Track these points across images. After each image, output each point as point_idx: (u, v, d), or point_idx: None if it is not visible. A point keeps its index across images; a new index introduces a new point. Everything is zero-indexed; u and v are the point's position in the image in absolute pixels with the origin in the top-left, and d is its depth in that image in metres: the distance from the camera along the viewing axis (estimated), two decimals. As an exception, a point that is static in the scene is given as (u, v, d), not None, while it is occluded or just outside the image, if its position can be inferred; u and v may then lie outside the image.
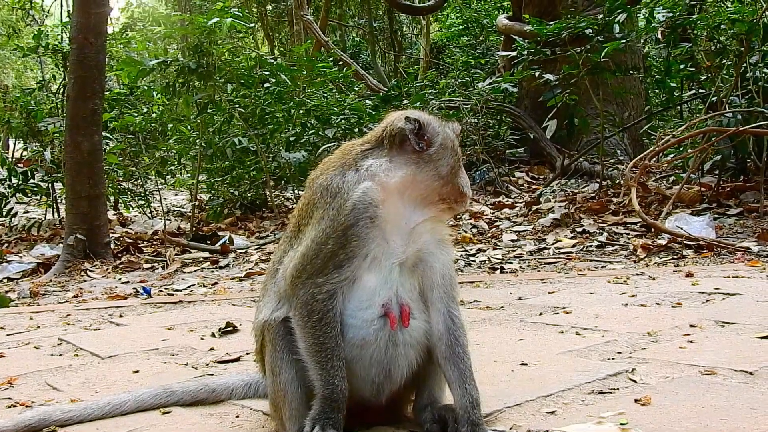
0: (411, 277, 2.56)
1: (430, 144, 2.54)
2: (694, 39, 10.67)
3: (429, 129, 2.55)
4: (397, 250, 2.49)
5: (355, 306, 2.48)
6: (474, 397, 2.49)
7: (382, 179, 2.50)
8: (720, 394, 2.78)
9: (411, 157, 2.53)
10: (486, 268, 7.06)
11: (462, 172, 2.61)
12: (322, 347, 2.43)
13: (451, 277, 2.60)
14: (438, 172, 2.53)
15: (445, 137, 2.57)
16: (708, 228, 7.34)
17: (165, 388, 3.06)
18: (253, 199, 12.33)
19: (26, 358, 4.16)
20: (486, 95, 12.95)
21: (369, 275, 2.47)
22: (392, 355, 2.50)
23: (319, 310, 2.43)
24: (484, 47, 25.05)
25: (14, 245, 10.67)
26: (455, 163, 2.57)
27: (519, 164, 13.81)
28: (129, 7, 34.57)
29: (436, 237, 2.59)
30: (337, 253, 2.43)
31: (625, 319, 4.25)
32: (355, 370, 2.50)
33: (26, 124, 13.11)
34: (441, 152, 2.55)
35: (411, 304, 2.53)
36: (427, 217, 2.57)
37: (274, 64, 11.93)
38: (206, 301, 5.94)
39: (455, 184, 2.56)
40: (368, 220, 2.44)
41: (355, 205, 2.44)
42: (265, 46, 33.99)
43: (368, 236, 2.44)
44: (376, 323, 2.47)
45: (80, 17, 8.61)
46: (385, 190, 2.49)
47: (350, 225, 2.43)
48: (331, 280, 2.44)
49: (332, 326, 2.43)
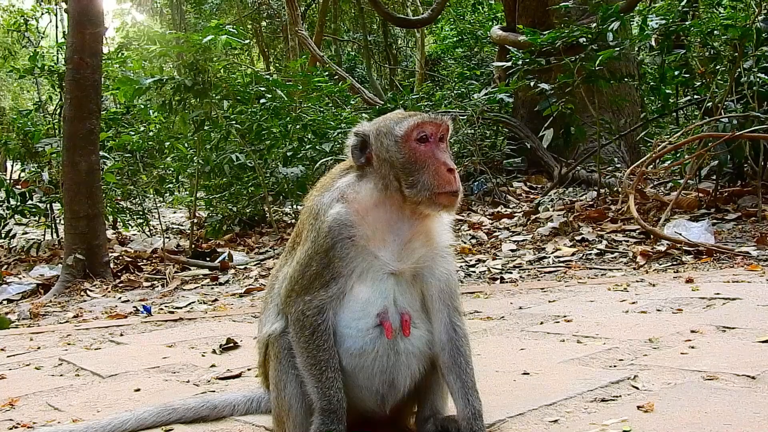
0: (412, 287, 2.57)
1: (377, 153, 2.56)
2: (688, 45, 10.71)
3: (371, 139, 2.57)
4: (388, 263, 2.51)
5: (349, 317, 2.50)
6: (476, 407, 2.51)
7: (353, 197, 2.54)
8: (722, 399, 2.77)
9: (372, 168, 2.57)
10: (486, 278, 7.07)
11: (434, 160, 2.50)
12: (316, 360, 2.45)
13: (451, 288, 2.61)
14: (397, 174, 2.51)
15: (386, 143, 2.54)
16: (707, 233, 7.34)
17: (166, 406, 3.05)
18: (251, 215, 12.32)
19: (27, 379, 4.15)
20: (482, 106, 12.98)
21: (361, 287, 2.50)
22: (394, 364, 2.51)
23: (310, 325, 2.46)
24: (478, 58, 25.16)
25: (13, 266, 10.65)
26: (409, 157, 2.50)
27: (516, 174, 13.82)
28: (124, 26, 34.66)
29: (433, 248, 2.59)
30: (322, 273, 2.48)
31: (626, 326, 4.24)
32: (357, 380, 2.52)
33: (23, 145, 13.10)
34: (386, 155, 2.54)
35: (412, 314, 2.55)
36: (420, 222, 2.56)
37: (269, 80, 11.96)
38: (207, 318, 5.93)
39: (426, 175, 2.49)
40: (347, 240, 2.48)
41: (331, 228, 2.49)
42: (261, 62, 34.13)
43: (350, 255, 2.48)
44: (372, 332, 2.49)
45: (75, 38, 8.63)
46: (358, 207, 2.52)
47: (330, 247, 2.48)
48: (318, 297, 2.48)
49: (324, 339, 2.46)
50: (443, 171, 2.47)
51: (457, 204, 2.50)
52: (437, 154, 2.50)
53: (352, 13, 32.32)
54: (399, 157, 2.51)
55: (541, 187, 12.71)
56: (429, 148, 2.50)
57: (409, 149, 2.50)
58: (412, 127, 2.51)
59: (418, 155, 2.50)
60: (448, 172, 2.47)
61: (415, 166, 2.49)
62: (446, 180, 2.47)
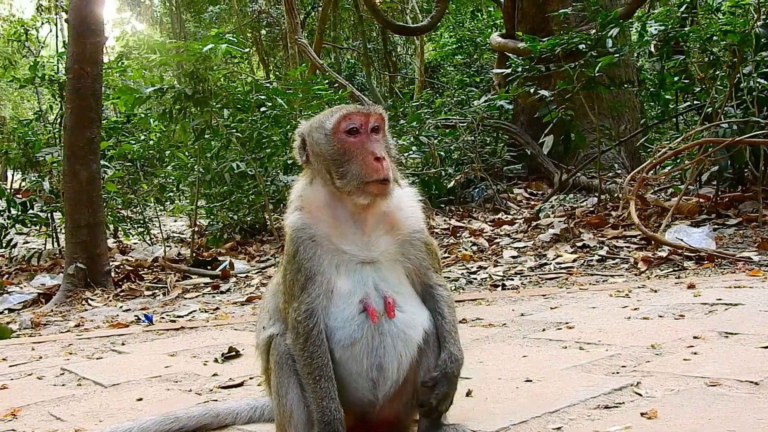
0: (392, 272, 2.62)
1: (312, 150, 2.62)
2: (687, 51, 10.72)
3: (306, 137, 2.63)
4: (357, 255, 2.56)
5: (335, 310, 2.54)
6: (452, 352, 2.57)
7: (306, 201, 2.61)
8: (726, 405, 2.77)
9: (312, 166, 2.64)
10: (487, 285, 7.06)
11: (361, 150, 2.52)
12: (311, 367, 2.48)
13: (421, 260, 2.65)
14: (328, 167, 2.56)
15: (316, 137, 2.59)
16: (708, 239, 7.34)
17: (169, 415, 3.05)
18: (252, 223, 12.32)
19: (29, 389, 4.15)
20: (482, 113, 13.01)
21: (340, 281, 2.54)
22: (379, 345, 2.53)
23: (303, 330, 2.50)
24: (478, 65, 25.18)
25: (15, 276, 10.65)
26: (338, 150, 2.54)
27: (517, 180, 13.84)
28: (124, 35, 34.75)
29: (400, 235, 2.63)
30: (297, 278, 2.53)
31: (629, 332, 4.24)
32: (348, 367, 2.53)
33: (24, 154, 13.10)
34: (318, 149, 2.58)
35: (396, 297, 2.57)
36: (371, 212, 2.58)
37: (269, 88, 11.96)
38: (208, 327, 5.92)
39: (354, 166, 2.51)
40: (308, 241, 2.54)
41: (291, 233, 2.57)
42: (261, 71, 34.17)
43: (317, 254, 2.53)
44: (357, 319, 2.52)
45: (76, 47, 8.65)
46: (311, 209, 2.59)
47: (296, 251, 2.54)
48: (304, 301, 2.51)
49: (317, 345, 2.49)
50: (370, 160, 2.49)
51: (388, 191, 2.51)
52: (366, 145, 2.52)
53: (351, 21, 32.36)
54: (328, 150, 2.55)
55: (542, 194, 12.71)
56: (358, 140, 2.53)
57: (338, 141, 2.54)
58: (340, 119, 2.55)
59: (346, 147, 2.53)
60: (375, 161, 2.49)
61: (344, 158, 2.53)
62: (373, 168, 2.48)
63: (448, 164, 12.88)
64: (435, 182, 11.92)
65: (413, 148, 12.07)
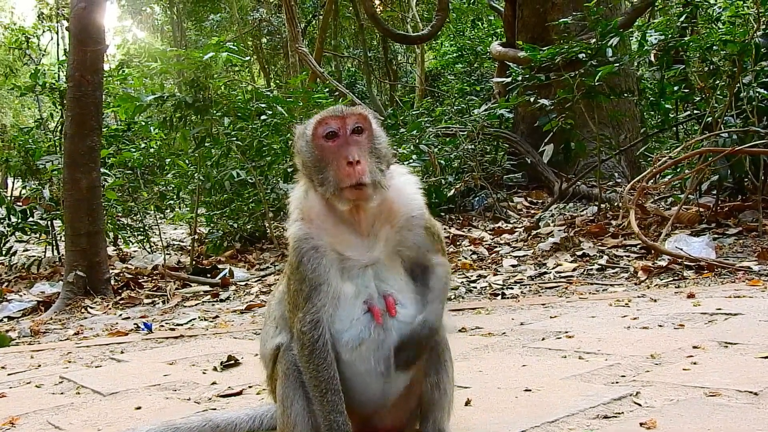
0: (392, 269, 2.59)
1: (299, 157, 2.59)
2: (687, 60, 10.73)
3: (295, 147, 2.60)
4: (360, 259, 2.54)
5: (341, 314, 2.52)
6: (427, 318, 2.52)
7: (305, 211, 2.57)
8: (725, 415, 2.76)
9: (305, 174, 2.59)
10: (487, 294, 7.06)
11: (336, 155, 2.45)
12: (317, 380, 2.46)
13: (419, 244, 2.61)
14: (310, 173, 2.52)
15: (300, 145, 2.57)
16: (708, 248, 7.33)
17: (168, 424, 3.03)
18: (252, 231, 12.32)
19: (28, 397, 4.14)
20: (482, 121, 13.02)
21: (345, 287, 2.52)
22: (385, 341, 2.50)
23: (308, 341, 2.47)
24: (478, 74, 25.24)
25: (14, 284, 10.64)
26: (317, 155, 2.49)
27: (517, 189, 13.85)
28: (125, 43, 34.80)
29: (399, 228, 2.59)
30: (302, 289, 2.50)
31: (628, 342, 4.23)
32: (357, 367, 2.52)
33: (24, 162, 13.11)
34: (302, 156, 2.55)
35: (397, 294, 2.56)
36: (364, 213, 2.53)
37: (270, 97, 11.98)
38: (207, 335, 5.92)
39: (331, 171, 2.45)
40: (311, 251, 2.50)
41: (294, 244, 2.53)
42: (261, 79, 34.26)
43: (321, 264, 2.50)
44: (362, 319, 2.51)
45: (76, 55, 8.66)
46: (311, 218, 2.55)
47: (299, 262, 2.50)
48: (309, 311, 2.49)
49: (323, 356, 2.46)
50: (343, 165, 2.40)
51: (367, 195, 2.42)
52: (341, 149, 2.44)
53: (352, 30, 32.45)
54: (309, 157, 2.51)
55: (542, 203, 12.72)
56: (335, 144, 2.45)
57: (316, 147, 2.49)
58: (316, 124, 2.49)
59: (324, 152, 2.47)
60: (348, 166, 2.39)
61: (321, 164, 2.48)
62: (345, 173, 2.39)
63: (448, 173, 12.88)
64: (435, 190, 11.92)
65: (413, 157, 12.08)
